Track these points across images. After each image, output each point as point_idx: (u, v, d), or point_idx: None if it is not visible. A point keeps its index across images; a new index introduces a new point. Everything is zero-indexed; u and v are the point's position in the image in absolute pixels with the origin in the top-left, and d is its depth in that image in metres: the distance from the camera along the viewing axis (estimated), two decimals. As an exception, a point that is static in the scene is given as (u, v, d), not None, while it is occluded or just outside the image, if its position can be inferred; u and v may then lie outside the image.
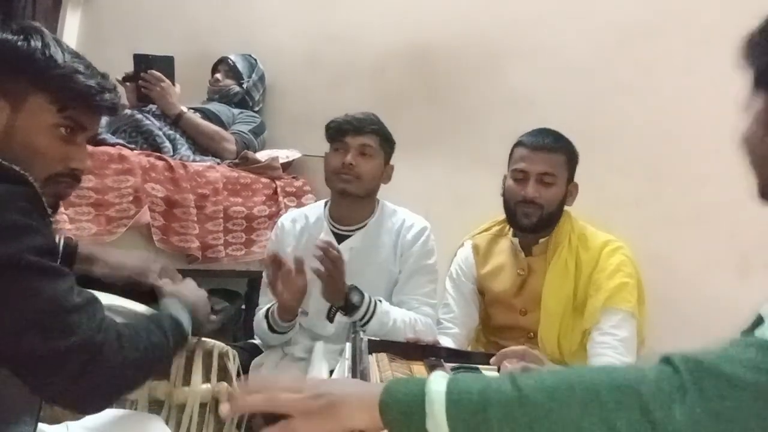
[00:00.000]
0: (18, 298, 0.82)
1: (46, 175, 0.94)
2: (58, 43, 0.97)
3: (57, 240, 0.92)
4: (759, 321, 0.77)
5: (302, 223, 1.87)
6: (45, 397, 0.91)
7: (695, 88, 1.88)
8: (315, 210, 1.91)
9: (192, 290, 1.27)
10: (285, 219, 1.92)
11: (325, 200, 1.92)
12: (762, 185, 0.76)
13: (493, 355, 1.21)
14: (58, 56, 0.95)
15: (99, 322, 0.88)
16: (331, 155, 1.79)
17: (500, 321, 1.74)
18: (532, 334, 1.66)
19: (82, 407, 0.93)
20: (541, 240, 1.68)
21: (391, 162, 1.86)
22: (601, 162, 2.06)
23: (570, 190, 1.68)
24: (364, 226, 1.81)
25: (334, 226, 1.83)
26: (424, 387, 0.61)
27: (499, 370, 1.08)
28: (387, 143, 1.82)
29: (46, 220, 0.88)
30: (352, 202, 1.78)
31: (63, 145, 0.96)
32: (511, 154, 1.72)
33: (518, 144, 1.69)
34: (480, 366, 1.10)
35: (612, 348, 1.52)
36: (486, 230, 1.85)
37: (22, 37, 0.94)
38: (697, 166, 1.90)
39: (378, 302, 1.65)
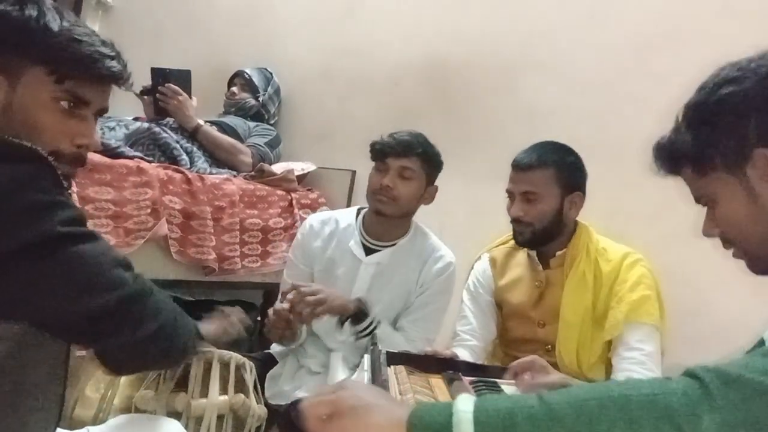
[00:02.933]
0: (63, 267, 0.84)
1: (49, 151, 0.89)
2: (58, 11, 0.92)
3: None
4: (761, 344, 0.80)
5: (332, 226, 1.87)
6: (103, 354, 0.92)
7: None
8: (346, 216, 1.89)
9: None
10: (312, 220, 1.91)
11: (358, 207, 1.92)
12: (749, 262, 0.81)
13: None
14: (54, 24, 0.90)
15: (141, 278, 0.93)
16: (373, 174, 1.79)
17: (518, 334, 1.74)
18: (549, 346, 1.65)
19: (131, 362, 0.96)
20: (558, 252, 1.68)
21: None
22: (616, 175, 2.06)
23: (573, 201, 1.65)
24: (394, 244, 1.82)
25: (364, 237, 1.83)
26: (451, 408, 0.62)
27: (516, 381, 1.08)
28: (430, 165, 1.79)
29: (65, 190, 0.88)
30: (386, 221, 1.79)
31: (66, 120, 0.93)
32: None
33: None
34: (499, 380, 1.10)
35: (639, 363, 1.51)
36: (503, 243, 1.85)
37: (17, 6, 0.89)
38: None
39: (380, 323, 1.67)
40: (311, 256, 1.84)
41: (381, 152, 1.76)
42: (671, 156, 0.85)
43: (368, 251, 1.81)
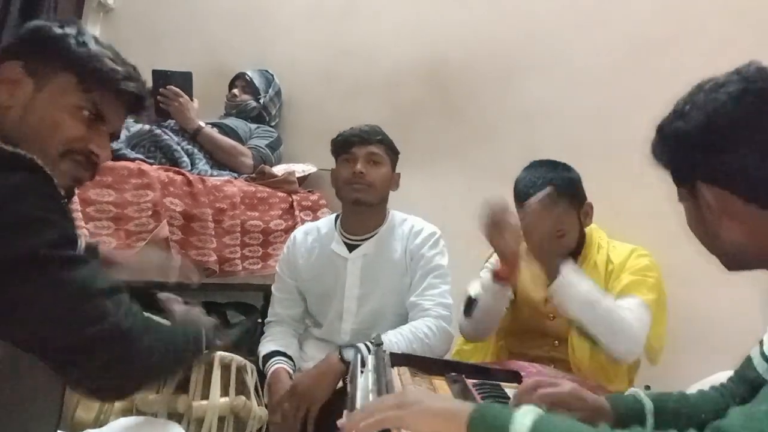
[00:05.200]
0: (43, 291, 0.81)
1: (62, 150, 0.93)
2: (95, 38, 0.99)
3: (75, 229, 0.88)
4: (748, 360, 0.91)
5: (314, 235, 1.90)
6: (73, 383, 0.90)
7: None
8: (326, 222, 1.94)
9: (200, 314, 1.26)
10: (297, 232, 1.96)
11: (336, 213, 1.94)
12: (722, 261, 0.89)
13: (513, 372, 1.21)
14: (90, 41, 0.96)
15: (126, 308, 0.87)
16: (340, 167, 1.83)
17: (528, 325, 1.74)
18: (557, 342, 1.67)
19: (108, 393, 0.93)
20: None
21: (403, 174, 1.89)
22: (618, 175, 2.06)
23: (586, 212, 1.68)
24: (375, 234, 1.83)
25: (345, 236, 1.85)
26: (511, 417, 0.67)
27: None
28: (392, 151, 1.86)
29: (62, 207, 0.86)
30: (365, 210, 1.81)
31: (83, 127, 0.95)
32: None
33: (514, 185, 1.69)
34: (502, 383, 1.10)
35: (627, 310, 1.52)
36: None
37: (57, 24, 0.97)
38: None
39: (371, 344, 1.58)
40: (297, 269, 1.88)
41: (346, 143, 1.81)
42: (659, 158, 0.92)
43: (351, 248, 1.82)
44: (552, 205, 1.50)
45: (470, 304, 1.64)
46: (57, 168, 0.89)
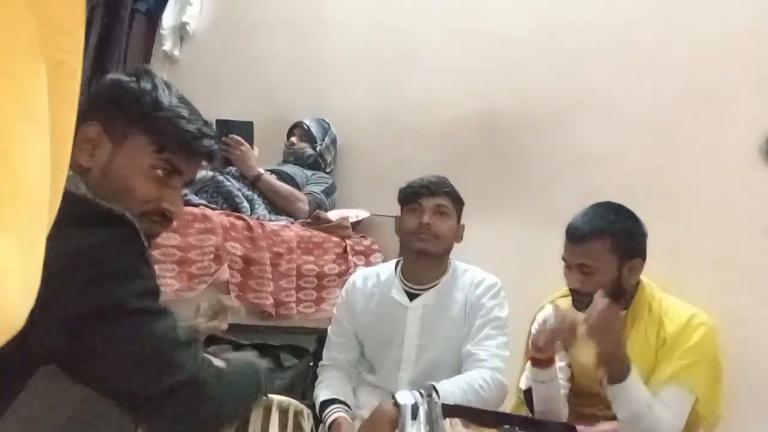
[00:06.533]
0: (127, 340, 0.85)
1: (137, 213, 0.94)
2: (167, 86, 1.01)
3: (157, 282, 0.94)
4: None
5: (373, 281, 1.91)
6: (148, 430, 0.94)
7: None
8: (386, 269, 1.95)
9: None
10: (356, 276, 1.97)
11: (396, 260, 1.96)
12: None
13: (566, 424, 1.20)
14: (164, 99, 0.98)
15: (201, 359, 0.91)
16: (407, 217, 1.84)
17: (582, 388, 1.71)
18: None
19: None
20: (621, 312, 1.64)
21: (461, 221, 1.90)
22: (674, 222, 2.03)
23: (632, 267, 1.60)
24: (437, 284, 1.84)
25: (405, 285, 1.86)
26: None
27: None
28: (458, 203, 1.87)
29: (146, 258, 0.90)
30: (429, 260, 1.82)
31: (157, 186, 0.97)
32: None
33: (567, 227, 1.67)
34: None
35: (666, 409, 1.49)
36: (566, 295, 1.82)
37: (134, 78, 0.98)
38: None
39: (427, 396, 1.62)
40: (356, 314, 1.88)
41: (414, 194, 1.83)
42: None
43: (411, 297, 1.83)
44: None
45: (527, 398, 1.62)
46: (138, 224, 0.92)
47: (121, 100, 0.97)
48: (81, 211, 0.86)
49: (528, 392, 1.62)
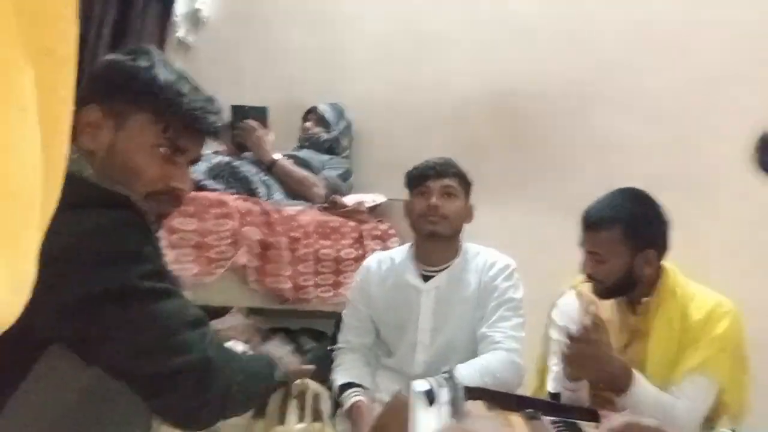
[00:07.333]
0: (134, 321, 0.85)
1: (145, 193, 0.94)
2: (166, 63, 0.98)
3: (165, 263, 0.93)
4: None
5: (388, 264, 1.92)
6: (159, 412, 0.93)
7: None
8: (400, 253, 1.95)
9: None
10: (371, 260, 1.98)
11: (410, 243, 1.96)
12: None
13: (589, 409, 1.20)
14: (163, 76, 0.95)
15: (210, 339, 0.91)
16: (415, 200, 1.85)
17: None
18: None
19: (193, 423, 0.95)
20: (644, 299, 1.62)
21: (475, 206, 1.90)
22: (696, 209, 2.01)
23: (646, 258, 1.56)
24: (448, 266, 1.84)
25: (419, 267, 1.86)
26: None
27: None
28: (466, 183, 1.87)
29: (153, 241, 0.90)
30: (439, 242, 1.83)
31: (163, 165, 0.96)
32: None
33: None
34: (579, 421, 1.08)
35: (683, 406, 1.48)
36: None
37: (131, 57, 0.96)
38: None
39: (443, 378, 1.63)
40: (371, 297, 1.89)
41: (421, 177, 1.83)
42: None
43: (426, 278, 1.84)
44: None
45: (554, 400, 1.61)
46: (144, 207, 0.92)
47: (118, 80, 0.95)
48: (85, 194, 0.86)
49: (554, 396, 1.61)
